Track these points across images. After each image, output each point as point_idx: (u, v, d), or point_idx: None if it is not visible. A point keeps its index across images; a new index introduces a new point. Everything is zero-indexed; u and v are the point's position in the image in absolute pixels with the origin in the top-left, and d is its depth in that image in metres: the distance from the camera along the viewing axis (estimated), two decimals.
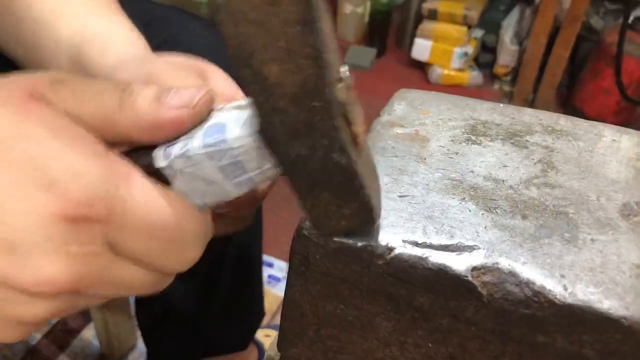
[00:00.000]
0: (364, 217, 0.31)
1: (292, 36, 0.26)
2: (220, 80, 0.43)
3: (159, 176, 0.30)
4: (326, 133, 0.28)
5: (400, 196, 0.36)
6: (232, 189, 0.31)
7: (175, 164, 0.30)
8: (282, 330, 0.39)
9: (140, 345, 1.20)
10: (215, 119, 0.31)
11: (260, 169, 0.30)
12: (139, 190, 0.27)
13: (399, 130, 0.43)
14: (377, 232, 0.33)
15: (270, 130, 0.28)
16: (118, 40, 0.49)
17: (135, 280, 0.28)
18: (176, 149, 0.30)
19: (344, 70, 0.29)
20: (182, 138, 0.30)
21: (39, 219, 0.24)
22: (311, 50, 0.26)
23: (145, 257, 0.27)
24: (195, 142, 0.30)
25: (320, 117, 0.27)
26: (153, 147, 0.31)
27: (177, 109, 0.29)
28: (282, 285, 1.37)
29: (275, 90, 0.27)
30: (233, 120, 0.30)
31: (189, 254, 0.29)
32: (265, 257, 1.37)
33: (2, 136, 0.24)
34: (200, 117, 0.30)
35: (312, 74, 0.27)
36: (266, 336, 1.16)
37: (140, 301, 0.98)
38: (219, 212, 0.38)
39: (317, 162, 0.29)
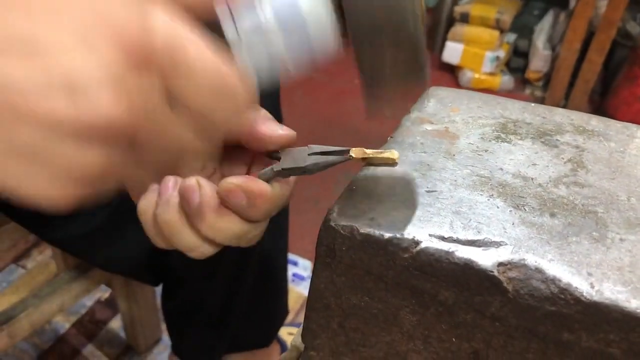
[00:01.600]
0: (417, 70, 0.32)
1: None
2: None
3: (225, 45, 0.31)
4: None
5: (428, 191, 0.36)
6: (290, 61, 0.32)
7: (243, 35, 0.31)
8: (307, 321, 0.40)
9: (165, 338, 1.21)
10: None
11: (324, 37, 0.31)
12: (200, 48, 0.28)
13: (429, 127, 0.43)
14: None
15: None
16: None
17: (184, 140, 0.29)
18: (246, 21, 0.31)
19: None
20: (247, 9, 0.31)
21: (102, 58, 0.24)
22: None
23: (197, 107, 0.28)
24: (267, 11, 0.31)
25: None
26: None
27: None
28: (306, 284, 1.37)
29: None
30: None
31: (235, 115, 0.31)
32: (290, 256, 1.38)
33: None
34: None
35: None
36: (289, 334, 1.16)
37: (166, 295, 0.99)
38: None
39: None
